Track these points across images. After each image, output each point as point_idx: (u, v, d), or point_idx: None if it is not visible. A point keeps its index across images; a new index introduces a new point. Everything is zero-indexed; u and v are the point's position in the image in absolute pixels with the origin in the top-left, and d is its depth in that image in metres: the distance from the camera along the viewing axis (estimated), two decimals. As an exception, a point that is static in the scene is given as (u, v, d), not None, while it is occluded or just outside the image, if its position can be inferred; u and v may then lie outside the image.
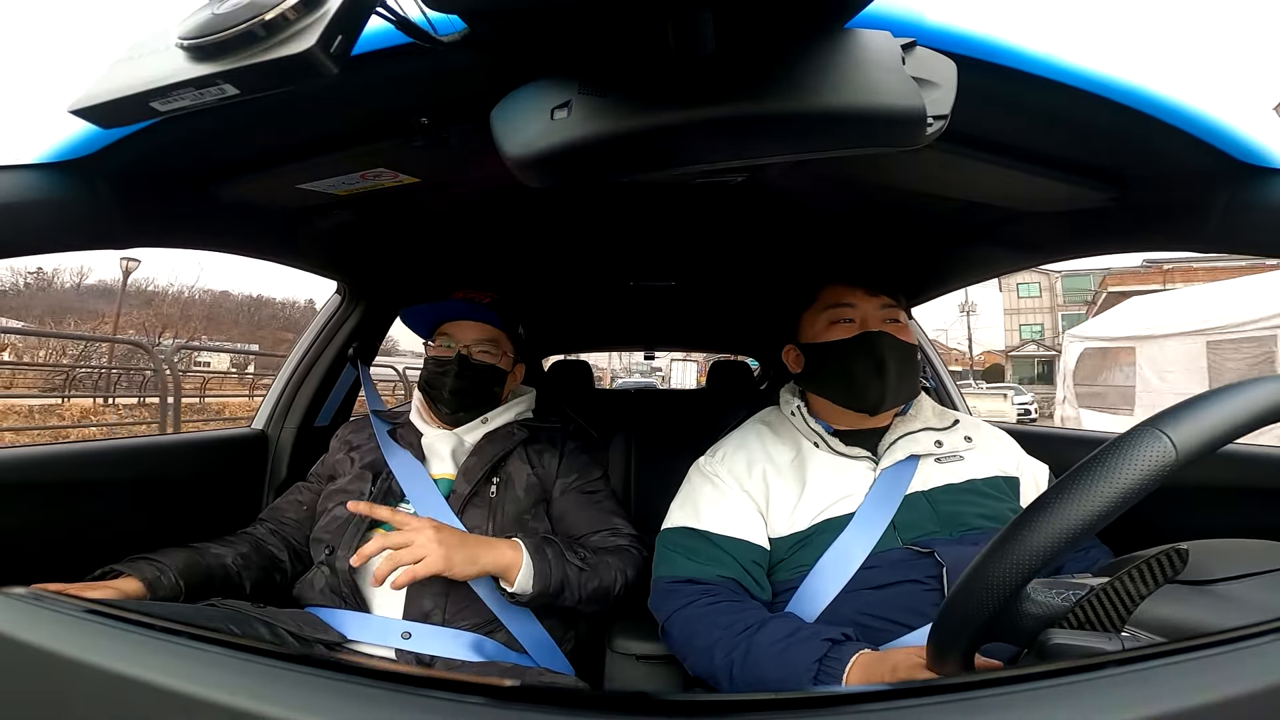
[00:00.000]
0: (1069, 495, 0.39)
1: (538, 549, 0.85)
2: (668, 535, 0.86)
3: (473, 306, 1.04)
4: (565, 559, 0.87)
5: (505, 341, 1.07)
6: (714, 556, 0.80)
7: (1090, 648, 0.36)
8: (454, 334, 1.04)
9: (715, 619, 0.74)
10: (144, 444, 1.13)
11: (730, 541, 0.80)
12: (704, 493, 0.86)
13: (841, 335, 0.84)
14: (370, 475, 0.99)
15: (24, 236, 0.61)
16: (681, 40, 0.37)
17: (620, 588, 0.92)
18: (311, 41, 0.34)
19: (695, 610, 0.76)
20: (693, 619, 0.76)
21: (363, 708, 0.28)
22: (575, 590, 0.86)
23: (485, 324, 1.05)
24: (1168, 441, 0.38)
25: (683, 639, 0.76)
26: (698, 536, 0.82)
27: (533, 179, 0.45)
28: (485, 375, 1.03)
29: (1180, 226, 0.71)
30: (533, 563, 0.83)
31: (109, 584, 0.80)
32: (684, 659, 0.78)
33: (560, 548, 0.88)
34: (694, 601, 0.77)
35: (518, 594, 0.83)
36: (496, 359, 1.05)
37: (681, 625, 0.77)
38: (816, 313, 0.88)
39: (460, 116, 0.59)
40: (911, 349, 0.85)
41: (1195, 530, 0.53)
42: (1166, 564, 0.36)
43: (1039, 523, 0.39)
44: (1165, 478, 0.37)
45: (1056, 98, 0.52)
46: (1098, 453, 0.40)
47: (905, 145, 0.42)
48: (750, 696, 0.70)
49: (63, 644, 0.33)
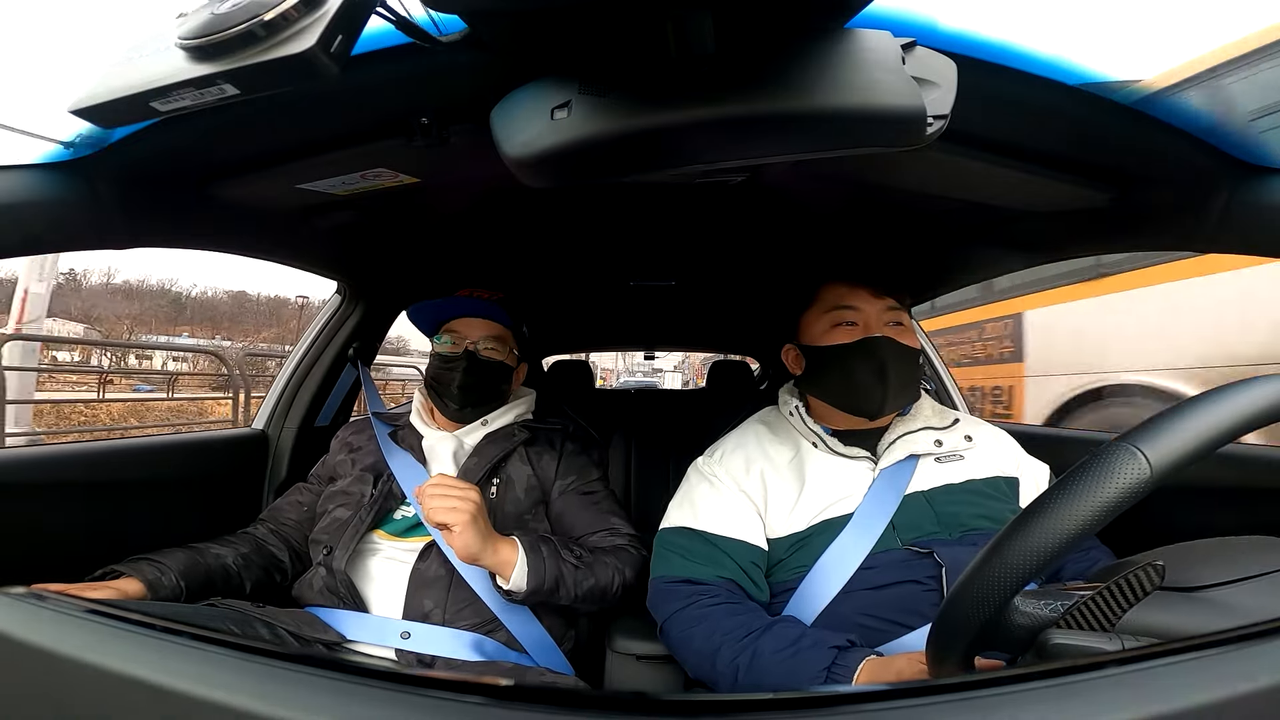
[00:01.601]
0: (1043, 515, 0.40)
1: (532, 546, 0.85)
2: (665, 535, 0.85)
3: (480, 303, 1.04)
4: (560, 557, 0.87)
5: (511, 339, 1.07)
6: (712, 557, 0.79)
7: (1090, 648, 0.36)
8: (461, 330, 1.04)
9: (715, 622, 0.73)
10: (144, 444, 1.13)
11: (728, 542, 0.80)
12: (701, 492, 0.85)
13: (843, 339, 0.83)
14: (371, 477, 0.99)
15: (24, 236, 0.61)
16: (681, 40, 0.37)
17: (618, 587, 0.92)
18: (311, 41, 0.34)
19: (694, 612, 0.76)
20: (691, 621, 0.76)
21: (363, 708, 0.28)
22: (570, 588, 0.86)
23: (493, 321, 1.05)
24: (1143, 459, 0.38)
25: (681, 641, 0.76)
26: (695, 536, 0.82)
27: (533, 179, 0.45)
28: (492, 371, 1.03)
29: (1180, 226, 0.71)
30: (527, 559, 0.83)
31: (110, 584, 0.80)
32: (683, 661, 0.78)
33: (556, 545, 0.88)
34: (693, 603, 0.77)
35: (513, 590, 0.83)
36: (503, 356, 1.05)
37: (680, 627, 0.76)
38: (818, 314, 0.87)
39: (460, 116, 0.59)
40: (914, 353, 0.84)
41: (1196, 530, 0.53)
42: (1145, 578, 0.37)
43: (1015, 541, 0.39)
44: (1142, 495, 0.37)
45: (1057, 98, 0.52)
46: (1072, 471, 0.40)
47: (905, 145, 0.42)
48: (750, 696, 0.70)
49: (63, 644, 0.33)
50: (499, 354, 1.04)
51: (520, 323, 1.09)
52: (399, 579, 0.90)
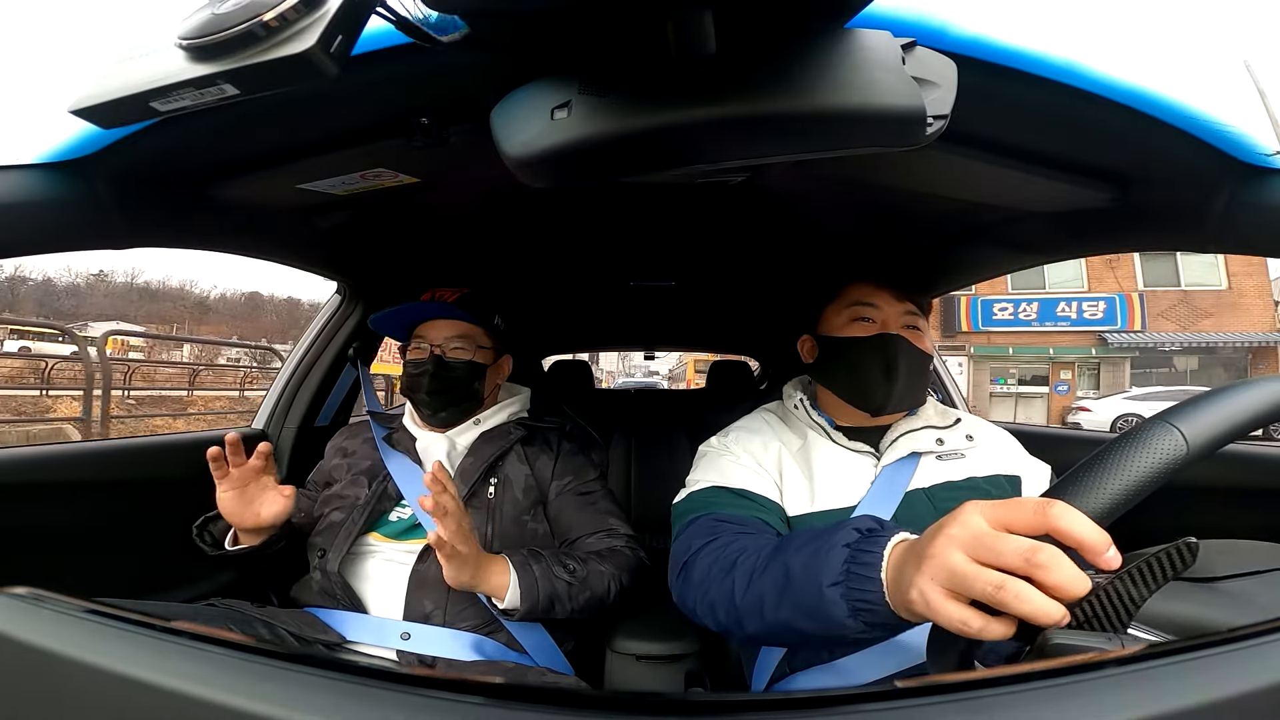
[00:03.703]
0: (1076, 487, 0.39)
1: (523, 566, 0.84)
2: (693, 495, 0.80)
3: (439, 306, 1.03)
4: (553, 575, 0.85)
5: (481, 335, 1.05)
6: (749, 507, 0.76)
7: (1090, 648, 0.36)
8: (426, 335, 1.03)
9: (744, 543, 0.67)
10: (144, 444, 1.13)
11: (763, 498, 0.78)
12: (726, 462, 0.83)
13: (860, 333, 0.84)
14: (366, 480, 0.99)
15: (24, 236, 0.61)
16: (681, 40, 0.37)
17: (614, 594, 0.91)
18: (311, 41, 0.34)
19: (729, 539, 0.68)
20: (725, 545, 0.67)
21: (363, 708, 0.28)
22: (565, 604, 0.86)
23: (455, 320, 1.03)
24: (1179, 435, 0.38)
25: (703, 572, 0.67)
26: (726, 491, 0.78)
27: (533, 179, 0.45)
28: (461, 372, 1.02)
29: (1180, 226, 0.71)
30: (519, 582, 0.83)
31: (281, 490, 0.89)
32: (702, 596, 0.67)
33: (548, 563, 0.86)
34: (730, 536, 0.69)
35: (508, 609, 0.83)
36: (471, 354, 1.03)
37: (711, 554, 0.68)
38: (840, 308, 0.88)
39: (460, 116, 0.59)
40: (925, 357, 0.85)
41: (1196, 531, 0.53)
42: (1176, 557, 0.35)
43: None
44: (1176, 472, 0.37)
45: (1056, 98, 0.52)
46: (1107, 445, 0.40)
47: (905, 145, 0.43)
48: (750, 696, 0.70)
49: (63, 644, 0.33)
50: (465, 353, 1.03)
51: (491, 316, 1.07)
52: (398, 580, 0.90)
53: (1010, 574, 0.37)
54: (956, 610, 0.40)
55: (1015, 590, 0.37)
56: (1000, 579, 0.37)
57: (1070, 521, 0.37)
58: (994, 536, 0.39)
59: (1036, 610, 0.36)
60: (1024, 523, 0.39)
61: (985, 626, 0.38)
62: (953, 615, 0.40)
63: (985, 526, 0.40)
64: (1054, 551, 0.37)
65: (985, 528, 0.40)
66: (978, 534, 0.40)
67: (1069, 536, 0.37)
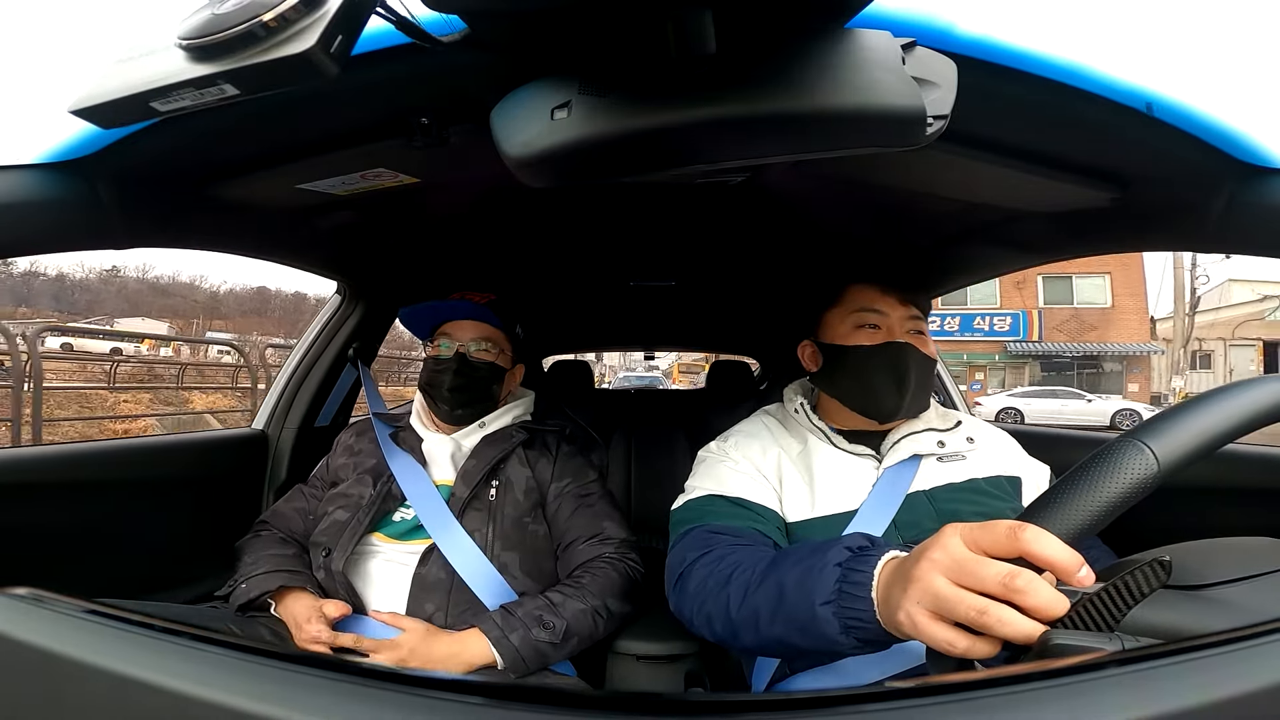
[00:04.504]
0: (1048, 510, 0.39)
1: (501, 639, 0.83)
2: (690, 504, 0.80)
3: (471, 306, 1.05)
4: (534, 641, 0.84)
5: (504, 341, 1.07)
6: (745, 517, 0.76)
7: (1090, 648, 0.36)
8: (453, 333, 1.05)
9: (739, 556, 0.67)
10: (144, 444, 1.13)
11: (760, 507, 0.78)
12: (725, 469, 0.83)
13: (866, 341, 0.83)
14: (371, 480, 0.99)
15: (24, 236, 0.61)
16: (681, 40, 0.37)
17: (603, 626, 0.91)
18: (311, 41, 0.34)
19: (723, 552, 0.69)
20: (720, 559, 0.68)
21: (363, 708, 0.28)
22: (554, 656, 0.86)
23: (484, 323, 1.05)
24: (1150, 455, 0.38)
25: (699, 584, 0.68)
26: (724, 501, 0.78)
27: (533, 179, 0.45)
28: (484, 373, 1.04)
29: (1180, 226, 0.71)
30: (500, 656, 0.83)
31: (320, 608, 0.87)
32: (699, 608, 0.68)
33: (526, 626, 0.85)
34: (724, 549, 0.69)
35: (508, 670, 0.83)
36: (495, 357, 1.06)
37: (706, 568, 0.68)
38: (843, 314, 0.86)
39: (460, 116, 0.59)
40: (932, 362, 0.84)
41: (1196, 531, 0.53)
42: (1151, 575, 0.36)
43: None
44: (1148, 490, 0.37)
45: (1056, 98, 0.52)
46: (1080, 465, 0.40)
47: (905, 145, 0.42)
48: (750, 697, 0.70)
49: (63, 644, 0.33)
50: (490, 355, 1.05)
51: (514, 324, 1.09)
52: (400, 582, 0.90)
53: (992, 598, 0.39)
54: (942, 632, 0.41)
55: (997, 615, 0.38)
56: (983, 604, 0.39)
57: (1042, 545, 0.39)
58: (974, 561, 0.40)
59: (1018, 633, 0.37)
60: (998, 546, 0.40)
61: (971, 647, 0.40)
62: (939, 637, 0.41)
63: (965, 551, 0.41)
64: (1031, 576, 0.38)
65: (965, 552, 0.41)
66: (958, 559, 0.41)
67: (1040, 559, 0.38)
